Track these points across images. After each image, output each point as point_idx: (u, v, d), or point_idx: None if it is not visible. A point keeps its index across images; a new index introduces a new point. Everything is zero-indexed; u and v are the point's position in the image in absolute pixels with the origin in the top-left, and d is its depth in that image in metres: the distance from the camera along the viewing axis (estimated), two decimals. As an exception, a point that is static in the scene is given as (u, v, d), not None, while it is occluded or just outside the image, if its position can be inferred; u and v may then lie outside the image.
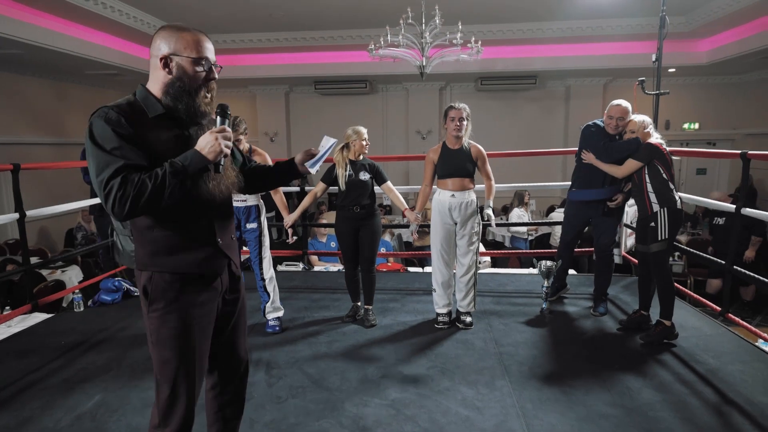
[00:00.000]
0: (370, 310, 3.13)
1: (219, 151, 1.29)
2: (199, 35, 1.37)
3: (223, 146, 1.29)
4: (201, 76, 1.35)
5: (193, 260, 1.38)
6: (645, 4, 5.67)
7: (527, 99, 9.22)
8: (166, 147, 1.31)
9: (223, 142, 1.29)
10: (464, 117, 2.89)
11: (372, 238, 3.06)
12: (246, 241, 2.98)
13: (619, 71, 8.08)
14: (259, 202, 2.98)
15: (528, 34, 6.90)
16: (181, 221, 1.37)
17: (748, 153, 2.75)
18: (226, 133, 1.31)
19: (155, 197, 1.22)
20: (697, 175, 9.25)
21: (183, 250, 1.37)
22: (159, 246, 1.36)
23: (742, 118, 8.79)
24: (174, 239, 1.36)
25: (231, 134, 1.33)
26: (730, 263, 2.89)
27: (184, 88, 1.34)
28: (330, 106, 9.61)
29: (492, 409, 2.11)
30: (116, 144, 1.24)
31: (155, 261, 1.36)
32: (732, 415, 2.03)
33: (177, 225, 1.37)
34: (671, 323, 2.72)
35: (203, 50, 1.36)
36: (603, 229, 3.17)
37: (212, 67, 1.38)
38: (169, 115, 1.35)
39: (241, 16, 6.31)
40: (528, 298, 3.54)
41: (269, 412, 2.11)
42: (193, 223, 1.39)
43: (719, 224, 5.32)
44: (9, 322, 3.22)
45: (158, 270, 1.36)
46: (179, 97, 1.34)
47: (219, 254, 1.44)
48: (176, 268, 1.36)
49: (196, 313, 1.38)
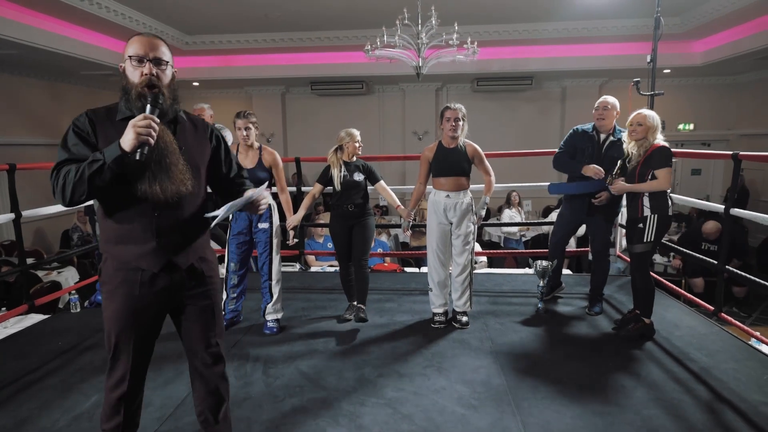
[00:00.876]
0: (363, 310, 3.11)
1: (132, 140, 1.29)
2: (142, 36, 1.45)
3: (136, 136, 1.29)
4: (138, 74, 1.41)
5: (131, 254, 1.46)
6: (640, 6, 5.70)
7: (523, 100, 9.25)
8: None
9: (140, 130, 1.29)
10: (460, 117, 2.90)
11: (364, 234, 3.08)
12: (256, 241, 2.98)
13: (615, 72, 8.12)
14: (271, 202, 2.97)
15: (524, 35, 6.92)
16: (121, 216, 1.44)
17: (739, 154, 2.78)
18: (145, 122, 1.30)
19: (78, 184, 1.31)
20: (692, 175, 9.30)
21: (123, 242, 1.46)
22: (107, 235, 1.49)
23: (736, 119, 8.85)
24: (117, 231, 1.46)
25: (154, 124, 1.32)
26: (723, 264, 2.92)
27: (127, 89, 1.42)
28: (326, 106, 9.61)
29: (488, 408, 2.13)
30: (73, 142, 1.39)
31: (105, 247, 1.50)
32: (725, 413, 2.06)
33: (118, 219, 1.45)
34: (650, 321, 2.80)
35: (139, 48, 1.41)
36: (597, 230, 3.21)
37: (150, 62, 1.41)
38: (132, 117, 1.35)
39: (236, 17, 6.30)
40: (524, 298, 3.56)
41: (267, 411, 2.12)
42: (132, 219, 1.44)
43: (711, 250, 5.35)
44: (5, 323, 3.22)
45: (108, 256, 1.49)
46: (127, 99, 1.42)
47: (158, 252, 1.46)
48: (117, 258, 1.47)
49: (135, 303, 1.47)
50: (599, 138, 3.11)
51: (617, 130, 3.10)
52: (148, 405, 2.16)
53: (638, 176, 2.74)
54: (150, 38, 1.44)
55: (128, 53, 1.42)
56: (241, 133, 2.91)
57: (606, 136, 3.10)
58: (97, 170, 1.30)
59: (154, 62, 1.42)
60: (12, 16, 5.16)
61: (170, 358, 2.62)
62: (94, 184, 1.31)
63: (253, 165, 2.93)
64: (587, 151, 3.10)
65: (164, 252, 1.47)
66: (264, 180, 2.92)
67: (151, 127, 1.31)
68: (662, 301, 3.38)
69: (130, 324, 1.47)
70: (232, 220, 3.00)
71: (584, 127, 3.20)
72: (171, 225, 1.47)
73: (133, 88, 1.40)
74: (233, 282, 3.03)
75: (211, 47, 7.44)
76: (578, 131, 3.19)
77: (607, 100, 3.08)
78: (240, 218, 2.96)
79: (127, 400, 1.51)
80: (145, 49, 1.41)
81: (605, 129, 3.10)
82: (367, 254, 3.13)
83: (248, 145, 2.96)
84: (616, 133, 3.08)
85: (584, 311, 3.26)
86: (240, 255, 3.01)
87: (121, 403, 1.50)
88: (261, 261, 2.98)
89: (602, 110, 3.05)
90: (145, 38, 1.43)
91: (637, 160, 2.75)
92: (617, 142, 3.04)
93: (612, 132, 3.09)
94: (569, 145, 3.19)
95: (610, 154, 3.04)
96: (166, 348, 2.74)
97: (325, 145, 3.56)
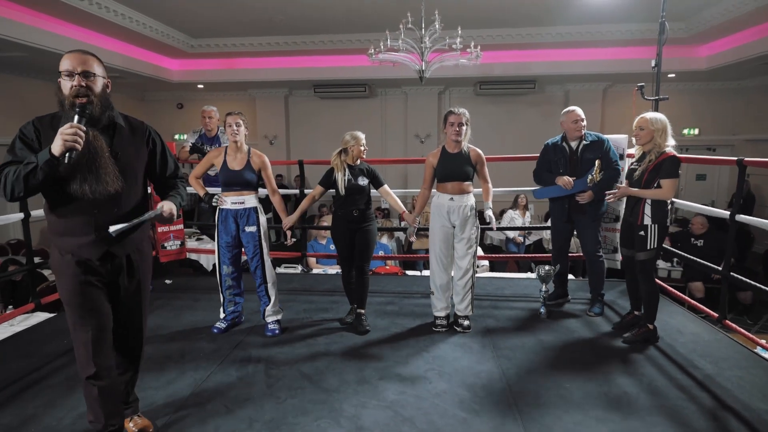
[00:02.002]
0: (362, 314, 3.09)
1: (60, 146, 1.48)
2: (72, 53, 1.61)
3: (63, 143, 1.48)
4: (68, 86, 1.59)
5: (71, 246, 1.68)
6: (644, 10, 5.70)
7: (526, 104, 9.25)
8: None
9: (66, 137, 1.48)
10: (464, 122, 2.91)
11: (367, 241, 3.07)
12: (245, 245, 2.98)
13: (619, 76, 8.11)
14: (257, 205, 2.98)
15: (527, 39, 6.92)
16: (63, 211, 1.66)
17: (744, 160, 2.76)
18: (71, 130, 1.49)
19: (16, 183, 1.52)
20: (696, 180, 9.27)
21: (64, 235, 1.68)
22: (52, 227, 1.71)
23: (741, 124, 8.82)
24: (59, 225, 1.68)
25: (81, 132, 1.51)
26: (726, 269, 2.90)
27: (62, 100, 1.60)
28: (329, 109, 9.64)
29: (489, 412, 2.12)
30: (18, 146, 1.61)
31: (51, 239, 1.72)
32: (729, 421, 2.04)
33: (60, 213, 1.66)
34: (654, 326, 2.80)
35: (68, 64, 1.58)
36: (585, 231, 3.29)
37: (78, 75, 1.58)
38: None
39: (241, 20, 6.34)
40: (526, 302, 3.55)
41: (268, 412, 2.12)
42: (71, 214, 1.65)
43: (698, 245, 5.35)
44: (11, 321, 3.24)
45: (54, 245, 1.72)
46: (65, 110, 1.60)
47: (97, 244, 1.69)
48: (61, 247, 1.69)
49: (79, 288, 1.68)
50: (570, 147, 3.24)
51: (588, 134, 3.23)
52: (151, 403, 2.17)
53: (645, 182, 2.73)
54: (78, 54, 1.61)
55: (60, 69, 1.59)
56: (231, 128, 2.90)
57: (578, 142, 3.22)
58: (31, 171, 1.50)
59: (83, 75, 1.59)
60: (20, 18, 5.22)
61: (173, 358, 2.63)
62: (29, 183, 1.52)
63: (242, 167, 2.93)
64: (561, 162, 3.26)
65: (102, 243, 1.69)
66: (252, 181, 2.93)
67: (77, 134, 1.50)
68: (666, 307, 3.36)
69: (81, 306, 1.70)
70: (218, 224, 2.98)
71: (553, 140, 3.35)
72: (109, 221, 1.66)
73: (65, 99, 1.59)
74: (227, 284, 3.03)
75: (215, 50, 7.49)
76: (548, 146, 3.35)
77: (579, 114, 3.19)
78: (227, 222, 2.95)
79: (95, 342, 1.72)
80: (74, 65, 1.58)
81: (576, 137, 3.22)
82: (369, 261, 3.13)
83: (237, 146, 2.95)
84: (588, 137, 3.21)
85: (586, 316, 3.25)
86: (231, 258, 3.01)
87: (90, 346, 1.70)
88: (253, 265, 2.97)
89: (580, 123, 3.18)
90: (74, 54, 1.60)
91: (646, 166, 2.74)
92: (590, 144, 3.19)
93: (582, 137, 3.21)
94: (544, 161, 3.36)
95: (587, 156, 3.18)
96: (169, 348, 2.77)
97: (328, 147, 3.57)
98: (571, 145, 3.24)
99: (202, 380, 2.40)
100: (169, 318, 3.27)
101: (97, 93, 1.62)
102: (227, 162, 2.93)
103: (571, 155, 3.23)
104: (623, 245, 2.97)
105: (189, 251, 4.50)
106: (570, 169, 3.22)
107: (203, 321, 3.18)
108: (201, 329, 3.05)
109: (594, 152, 3.15)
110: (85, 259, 1.69)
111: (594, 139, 3.20)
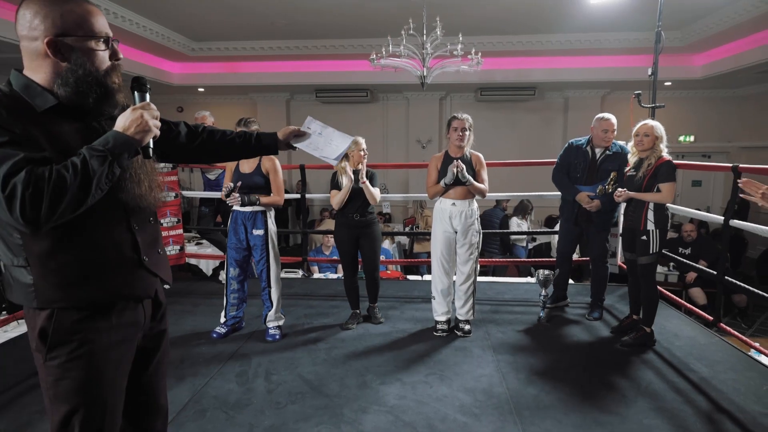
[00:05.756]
0: (375, 307, 3.28)
1: (147, 130, 1.07)
2: (87, 5, 1.10)
3: (152, 124, 1.08)
4: (106, 58, 1.12)
5: (112, 286, 1.12)
6: (642, 19, 5.76)
7: (526, 110, 9.31)
8: (66, 145, 1.04)
9: (151, 120, 1.08)
10: (467, 127, 2.95)
11: (373, 245, 3.13)
12: (252, 248, 3.00)
13: (617, 84, 8.19)
14: (266, 208, 2.99)
15: (527, 46, 6.99)
16: (94, 236, 1.10)
17: (739, 166, 2.81)
18: (152, 110, 1.10)
19: (80, 192, 0.97)
20: (692, 186, 9.34)
21: (99, 275, 1.11)
22: (68, 273, 1.08)
23: (736, 132, 8.90)
24: (87, 262, 1.09)
25: (157, 112, 1.12)
26: (721, 273, 2.94)
27: (90, 77, 1.08)
28: (331, 114, 9.65)
29: (490, 416, 2.14)
30: (5, 138, 0.98)
31: (64, 294, 1.08)
32: (724, 423, 2.07)
33: (89, 241, 1.09)
34: (651, 330, 2.84)
35: (102, 24, 1.11)
36: (593, 239, 3.30)
37: (113, 43, 1.14)
38: (63, 107, 1.08)
39: (242, 24, 6.37)
40: (526, 307, 3.58)
41: (269, 418, 2.13)
42: (109, 237, 1.12)
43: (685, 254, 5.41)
44: (5, 327, 3.22)
45: (63, 306, 1.08)
46: (86, 89, 1.08)
47: (145, 274, 1.19)
48: (89, 300, 1.10)
49: (111, 356, 1.13)
50: (593, 153, 3.20)
51: (614, 143, 3.17)
52: (152, 408, 2.18)
53: (645, 188, 2.79)
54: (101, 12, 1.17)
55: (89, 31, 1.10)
56: None
57: (602, 150, 3.17)
58: (109, 169, 1.02)
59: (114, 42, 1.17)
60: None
61: (172, 363, 2.63)
62: (102, 190, 1.03)
63: (251, 170, 2.95)
64: (580, 166, 3.22)
65: (152, 272, 1.26)
66: (260, 185, 2.95)
67: (156, 117, 1.14)
68: (662, 311, 3.39)
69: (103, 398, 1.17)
70: (230, 225, 3.01)
71: (578, 141, 3.29)
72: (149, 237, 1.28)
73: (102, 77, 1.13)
74: (233, 287, 3.04)
75: (216, 53, 7.52)
76: (572, 146, 3.29)
77: (611, 125, 3.11)
78: (237, 224, 2.97)
79: None
80: (106, 27, 1.14)
81: (601, 146, 3.17)
82: (378, 265, 3.22)
83: None
84: (613, 147, 3.16)
85: (585, 320, 3.28)
86: (239, 261, 3.02)
87: None
88: (258, 268, 2.99)
89: (610, 134, 3.11)
90: (100, 11, 1.15)
91: (644, 172, 2.79)
92: (612, 155, 3.14)
93: (608, 146, 3.16)
94: (564, 161, 3.31)
95: (605, 167, 3.15)
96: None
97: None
98: (595, 152, 3.19)
99: (202, 386, 2.41)
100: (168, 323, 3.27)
101: None
102: (240, 165, 2.97)
103: (592, 162, 3.19)
104: (626, 249, 3.01)
105: (188, 256, 4.50)
106: (587, 176, 3.19)
107: (203, 326, 3.18)
108: (200, 334, 3.06)
109: (613, 163, 3.11)
110: (129, 307, 1.17)
111: (617, 150, 3.14)
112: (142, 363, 1.25)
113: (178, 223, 4.27)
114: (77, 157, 0.99)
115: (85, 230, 1.09)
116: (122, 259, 1.15)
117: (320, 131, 1.57)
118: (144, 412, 1.29)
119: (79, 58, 1.07)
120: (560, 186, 3.34)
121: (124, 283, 1.15)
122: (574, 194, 3.21)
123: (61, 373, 1.08)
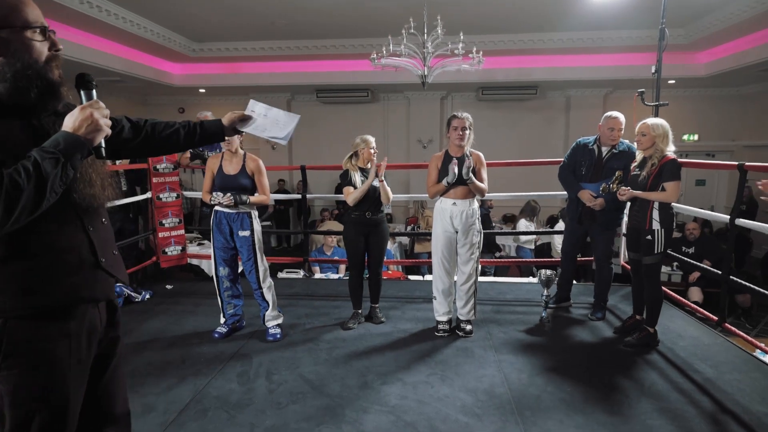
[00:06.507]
0: (377, 308, 3.29)
1: (99, 130, 1.03)
2: None
3: (103, 123, 1.04)
4: (45, 49, 1.07)
5: (72, 290, 1.09)
6: (645, 17, 5.74)
7: (528, 109, 9.28)
8: (13, 146, 1.00)
9: (101, 119, 1.04)
10: (467, 126, 2.93)
11: (381, 242, 3.17)
12: (239, 249, 2.98)
13: (619, 82, 8.15)
14: (251, 210, 2.99)
15: (529, 45, 6.97)
16: (49, 240, 1.06)
17: (745, 165, 2.78)
18: (101, 108, 1.05)
19: (35, 196, 0.93)
20: (696, 186, 9.30)
21: (57, 278, 1.07)
22: (21, 281, 1.04)
23: (740, 130, 8.86)
24: (44, 267, 1.06)
25: (107, 110, 1.07)
26: (726, 273, 2.92)
27: (30, 70, 1.03)
28: (332, 114, 9.67)
29: (491, 417, 2.12)
30: None
31: (18, 302, 1.03)
32: (728, 424, 2.05)
33: (44, 246, 1.05)
34: (654, 330, 2.82)
35: (36, 14, 1.05)
36: (598, 239, 3.27)
37: (50, 33, 1.09)
38: (2, 105, 1.04)
39: (243, 24, 6.38)
40: (527, 307, 3.56)
41: (270, 418, 2.12)
42: (65, 240, 1.09)
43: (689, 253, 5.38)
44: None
45: (17, 315, 1.04)
46: (26, 83, 1.03)
47: (103, 276, 1.17)
48: (47, 305, 1.06)
49: (71, 362, 1.09)
50: (600, 151, 3.18)
51: (621, 142, 3.15)
52: (151, 410, 2.17)
53: (649, 188, 2.76)
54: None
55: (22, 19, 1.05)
56: None
57: (609, 149, 3.15)
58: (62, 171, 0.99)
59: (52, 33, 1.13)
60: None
61: (173, 364, 2.64)
62: (56, 193, 0.99)
63: (237, 172, 2.94)
64: (585, 164, 3.21)
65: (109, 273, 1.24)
66: (246, 186, 2.94)
67: (106, 115, 1.10)
68: (666, 311, 3.36)
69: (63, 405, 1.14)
70: (213, 226, 2.99)
71: (586, 140, 3.27)
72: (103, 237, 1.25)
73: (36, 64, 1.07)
74: (224, 286, 3.04)
75: (217, 54, 7.53)
76: (579, 145, 3.28)
77: (618, 123, 3.09)
78: (221, 224, 2.96)
79: None
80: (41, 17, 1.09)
81: (608, 144, 3.15)
82: (383, 262, 3.26)
83: (232, 152, 2.96)
84: (620, 146, 3.14)
85: (588, 320, 3.26)
86: (226, 260, 3.02)
87: None
88: (247, 269, 2.99)
89: (616, 132, 3.09)
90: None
91: (648, 171, 2.76)
92: (619, 154, 3.12)
93: (615, 145, 3.14)
94: (571, 159, 3.30)
95: (610, 165, 3.13)
96: (169, 353, 2.77)
97: (330, 152, 3.59)
98: (601, 150, 3.18)
99: (203, 386, 2.40)
100: (169, 323, 3.27)
101: None
102: (223, 166, 2.96)
103: (598, 160, 3.17)
104: (630, 249, 2.98)
105: (190, 256, 4.51)
106: (593, 174, 3.18)
107: (204, 326, 3.18)
108: (202, 334, 3.05)
109: (619, 162, 3.09)
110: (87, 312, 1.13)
111: (624, 149, 3.12)
112: (98, 371, 1.21)
113: (179, 224, 4.27)
114: (28, 161, 0.94)
115: (40, 234, 1.06)
116: (80, 261, 1.12)
117: (265, 113, 1.56)
118: (102, 421, 1.23)
119: (15, 50, 1.01)
120: (564, 183, 3.34)
121: (84, 286, 1.12)
122: (576, 191, 3.20)
123: (19, 382, 1.05)
